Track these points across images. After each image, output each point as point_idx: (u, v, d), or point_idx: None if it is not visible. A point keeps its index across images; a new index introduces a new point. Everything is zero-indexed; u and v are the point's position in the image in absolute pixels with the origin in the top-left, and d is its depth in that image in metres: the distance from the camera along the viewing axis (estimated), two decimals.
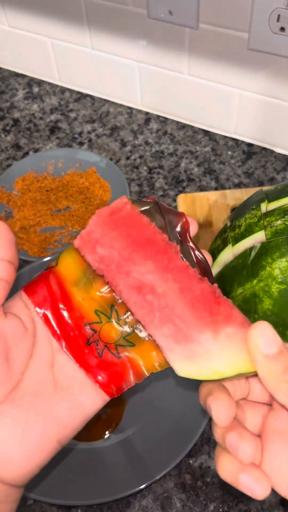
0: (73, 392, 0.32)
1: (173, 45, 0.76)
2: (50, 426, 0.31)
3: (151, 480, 0.51)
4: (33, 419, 0.30)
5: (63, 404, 0.31)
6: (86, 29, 0.82)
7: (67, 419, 0.31)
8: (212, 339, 0.30)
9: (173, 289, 0.31)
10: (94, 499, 0.50)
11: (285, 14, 0.58)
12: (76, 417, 0.32)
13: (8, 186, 0.78)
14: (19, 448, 0.30)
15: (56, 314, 0.33)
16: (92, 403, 0.33)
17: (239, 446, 0.29)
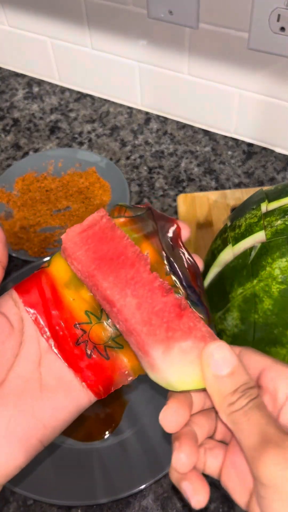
0: (59, 392, 0.32)
1: (173, 45, 0.76)
2: (32, 426, 0.30)
3: (151, 480, 0.51)
4: (16, 418, 0.30)
5: (48, 404, 0.31)
6: (86, 29, 0.82)
7: (51, 419, 0.31)
8: (162, 355, 0.30)
9: (131, 305, 0.31)
10: (94, 499, 0.50)
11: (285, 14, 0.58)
12: (60, 417, 0.32)
13: (8, 186, 0.78)
14: (2, 452, 0.29)
15: (46, 314, 0.33)
16: (78, 404, 0.33)
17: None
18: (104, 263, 0.32)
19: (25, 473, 0.52)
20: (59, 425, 0.32)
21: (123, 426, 0.56)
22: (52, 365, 0.32)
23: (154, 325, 0.31)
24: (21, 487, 0.51)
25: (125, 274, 0.32)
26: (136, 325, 0.31)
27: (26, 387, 0.31)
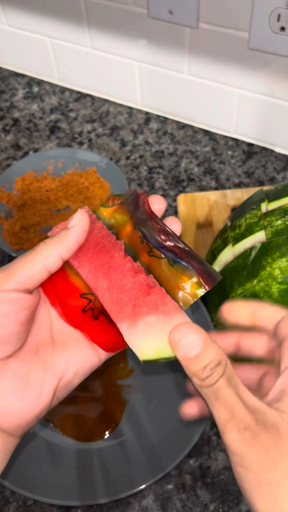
0: (69, 348, 0.35)
1: (173, 45, 0.76)
2: (48, 377, 0.34)
3: (151, 480, 0.51)
4: (34, 371, 0.33)
5: (60, 358, 0.35)
6: (86, 29, 0.82)
7: (64, 371, 0.35)
8: (127, 329, 0.34)
9: (102, 287, 0.36)
10: (94, 499, 0.50)
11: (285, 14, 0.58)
12: (72, 370, 0.35)
13: (8, 186, 0.78)
14: (20, 397, 0.33)
15: (54, 288, 0.37)
16: (89, 359, 0.36)
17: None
18: (82, 253, 0.36)
19: (25, 473, 0.52)
20: (72, 379, 0.35)
21: (123, 426, 0.56)
22: (62, 329, 0.36)
23: (122, 303, 0.35)
24: (21, 487, 0.51)
25: (99, 261, 0.36)
26: (106, 304, 0.35)
27: (40, 346, 0.35)
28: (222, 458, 0.54)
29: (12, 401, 0.32)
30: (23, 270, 0.33)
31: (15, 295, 0.33)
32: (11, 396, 0.32)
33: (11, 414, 0.32)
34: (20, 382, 0.33)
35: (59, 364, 0.34)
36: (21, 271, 0.33)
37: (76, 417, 0.56)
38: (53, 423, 0.56)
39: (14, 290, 0.33)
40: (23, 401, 0.33)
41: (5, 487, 0.53)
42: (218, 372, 0.30)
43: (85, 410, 0.57)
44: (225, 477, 0.53)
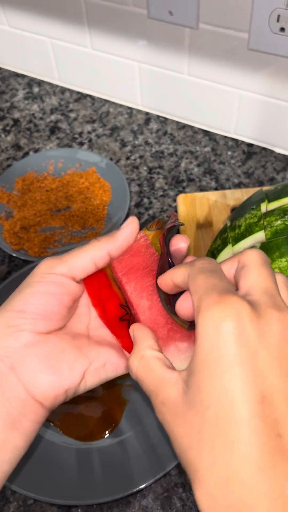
0: (101, 347, 0.38)
1: (173, 45, 0.76)
2: (80, 358, 0.37)
3: (151, 480, 0.51)
4: (69, 349, 0.36)
5: (93, 348, 0.38)
6: (86, 29, 0.82)
7: (94, 359, 0.37)
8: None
9: (144, 306, 0.38)
10: (94, 499, 0.50)
11: (285, 14, 0.58)
12: (102, 361, 0.38)
13: (8, 186, 0.78)
14: (53, 368, 0.35)
15: (99, 291, 0.40)
16: (115, 362, 0.38)
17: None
18: (131, 272, 0.39)
19: (25, 472, 0.52)
20: (101, 369, 0.37)
21: (123, 426, 0.56)
22: (98, 329, 0.40)
23: (159, 324, 0.37)
24: (21, 487, 0.51)
25: (146, 282, 0.39)
26: (144, 322, 0.37)
27: (77, 336, 0.38)
28: None
29: (46, 370, 0.35)
30: (73, 259, 0.37)
31: (62, 279, 0.37)
32: (45, 366, 0.35)
33: (43, 383, 0.35)
34: (55, 355, 0.36)
35: (91, 353, 0.37)
36: (71, 259, 0.37)
37: (77, 416, 0.56)
38: (54, 423, 0.56)
39: (62, 274, 0.37)
40: (55, 373, 0.35)
41: (6, 487, 0.53)
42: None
43: (85, 410, 0.57)
44: None
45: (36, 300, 0.36)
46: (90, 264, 0.38)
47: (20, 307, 0.36)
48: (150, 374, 0.33)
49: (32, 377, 0.35)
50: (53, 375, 0.35)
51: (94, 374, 0.37)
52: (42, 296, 0.36)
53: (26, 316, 0.36)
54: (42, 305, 0.36)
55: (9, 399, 0.34)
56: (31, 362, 0.35)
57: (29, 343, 0.35)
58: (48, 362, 0.35)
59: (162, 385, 0.31)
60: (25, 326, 0.35)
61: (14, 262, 0.71)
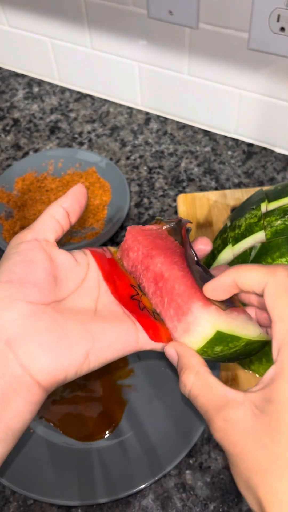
0: (109, 321, 0.36)
1: (173, 45, 0.76)
2: (84, 335, 0.34)
3: (151, 480, 0.51)
4: (71, 324, 0.34)
5: (99, 323, 0.36)
6: (86, 29, 0.82)
7: (100, 335, 0.35)
8: (201, 308, 0.35)
9: (176, 275, 0.37)
10: (94, 499, 0.50)
11: (285, 14, 0.58)
12: (107, 340, 0.35)
13: (8, 186, 0.78)
14: (54, 345, 0.33)
15: (109, 269, 0.40)
16: (125, 339, 0.36)
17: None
18: (158, 248, 0.40)
19: (25, 473, 0.52)
20: (106, 350, 0.35)
21: (123, 426, 0.56)
22: (107, 304, 0.38)
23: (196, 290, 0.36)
24: (21, 487, 0.51)
25: (172, 258, 0.39)
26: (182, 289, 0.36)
27: (81, 311, 0.36)
28: (222, 458, 0.54)
29: (45, 347, 0.33)
30: (36, 223, 0.39)
31: (37, 244, 0.37)
32: (45, 342, 0.33)
33: (41, 360, 0.33)
34: (56, 331, 0.34)
35: (96, 329, 0.35)
36: (35, 224, 0.39)
37: (76, 417, 0.56)
38: (53, 423, 0.56)
39: (35, 239, 0.37)
40: (55, 350, 0.33)
41: (5, 487, 0.53)
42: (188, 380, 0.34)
43: (85, 410, 0.57)
44: (225, 476, 0.53)
45: (20, 269, 0.35)
46: (53, 222, 0.39)
47: (5, 278, 0.35)
48: (208, 391, 0.32)
49: (30, 354, 0.33)
50: (53, 352, 0.33)
51: (99, 353, 0.35)
52: (24, 264, 0.36)
53: (15, 286, 0.34)
54: (27, 273, 0.35)
55: (3, 375, 0.32)
56: (29, 337, 0.33)
57: (25, 315, 0.33)
58: (47, 338, 0.33)
59: (226, 403, 0.31)
60: (17, 295, 0.34)
61: None
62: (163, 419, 0.55)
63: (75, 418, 0.56)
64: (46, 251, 0.38)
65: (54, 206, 0.40)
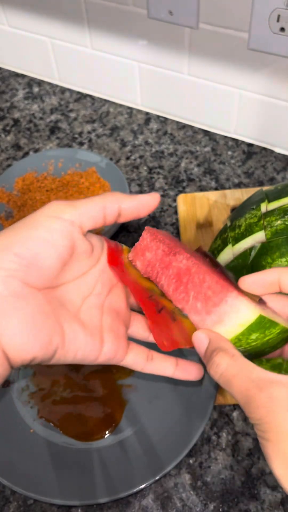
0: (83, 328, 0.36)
1: (173, 45, 0.76)
2: (59, 332, 0.34)
3: (151, 480, 0.51)
4: (52, 318, 0.34)
5: (75, 327, 0.36)
6: (86, 29, 0.82)
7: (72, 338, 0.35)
8: (237, 296, 0.36)
9: (205, 269, 0.38)
10: (94, 499, 0.50)
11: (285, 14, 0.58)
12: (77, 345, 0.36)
13: (8, 186, 0.78)
14: (33, 332, 0.33)
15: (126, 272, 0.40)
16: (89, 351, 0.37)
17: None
18: (180, 247, 0.40)
19: (25, 473, 0.52)
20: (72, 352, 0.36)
21: (123, 426, 0.56)
22: (91, 308, 0.38)
23: (226, 282, 0.37)
24: (21, 487, 0.51)
25: (195, 256, 0.40)
26: (212, 281, 0.37)
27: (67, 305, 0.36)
28: (222, 458, 0.54)
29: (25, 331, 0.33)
30: (84, 206, 0.35)
31: (70, 228, 0.34)
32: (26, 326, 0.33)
33: (18, 341, 0.33)
34: (39, 319, 0.33)
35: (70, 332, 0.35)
36: (82, 206, 0.35)
37: (76, 416, 0.56)
38: (53, 423, 0.56)
39: (71, 222, 0.34)
40: (33, 337, 0.33)
41: (5, 487, 0.53)
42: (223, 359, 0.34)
43: (85, 410, 0.57)
44: (225, 476, 0.53)
45: (36, 246, 0.33)
46: (100, 214, 0.36)
47: (17, 249, 0.33)
48: (249, 372, 0.33)
49: (8, 331, 0.32)
50: (30, 338, 0.33)
51: (65, 353, 0.35)
52: (43, 244, 0.33)
53: (22, 262, 0.33)
54: (40, 254, 0.33)
55: None
56: (12, 316, 0.32)
57: (16, 294, 0.33)
58: (29, 324, 0.33)
59: (270, 383, 0.32)
60: (18, 273, 0.33)
61: None
62: (163, 419, 0.55)
63: (75, 418, 0.56)
64: (73, 239, 0.35)
65: (112, 200, 0.37)
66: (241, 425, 0.56)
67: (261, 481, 0.52)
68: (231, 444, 0.55)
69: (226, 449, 0.54)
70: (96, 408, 0.57)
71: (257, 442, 0.54)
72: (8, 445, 0.54)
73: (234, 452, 0.54)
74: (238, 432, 0.55)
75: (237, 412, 0.57)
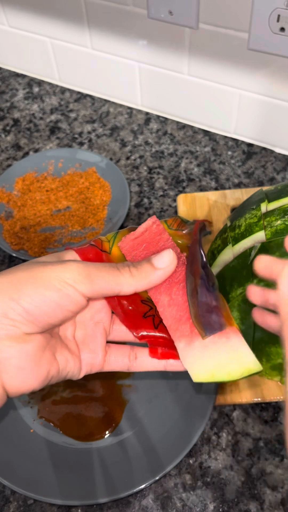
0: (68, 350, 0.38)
1: (173, 45, 0.76)
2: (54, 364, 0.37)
3: (151, 480, 0.51)
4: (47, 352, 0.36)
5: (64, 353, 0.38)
6: (86, 29, 0.82)
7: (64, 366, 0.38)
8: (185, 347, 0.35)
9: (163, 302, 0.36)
10: (94, 499, 0.50)
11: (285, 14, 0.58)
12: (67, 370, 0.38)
13: (8, 186, 0.78)
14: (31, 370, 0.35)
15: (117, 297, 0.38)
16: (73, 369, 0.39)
17: None
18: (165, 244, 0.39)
19: (25, 473, 0.52)
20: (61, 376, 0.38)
21: (123, 426, 0.56)
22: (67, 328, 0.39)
23: (181, 321, 0.35)
24: (21, 487, 0.51)
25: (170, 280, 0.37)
26: (166, 320, 0.36)
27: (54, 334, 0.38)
28: (222, 458, 0.54)
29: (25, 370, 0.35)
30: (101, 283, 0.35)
31: (81, 300, 0.35)
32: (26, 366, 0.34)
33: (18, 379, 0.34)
34: (37, 357, 0.35)
35: (61, 357, 0.37)
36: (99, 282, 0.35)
37: (76, 416, 0.56)
38: (53, 423, 0.56)
39: (83, 294, 0.35)
40: (32, 375, 0.35)
41: (6, 487, 0.53)
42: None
43: (85, 410, 0.57)
44: (225, 476, 0.53)
45: (45, 306, 0.34)
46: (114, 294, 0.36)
47: (27, 305, 0.34)
48: None
49: (9, 374, 0.34)
50: (29, 376, 0.35)
51: (56, 379, 0.37)
52: (53, 306, 0.34)
53: (28, 318, 0.34)
54: (48, 316, 0.34)
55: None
56: (12, 359, 0.34)
57: (17, 339, 0.34)
58: (28, 363, 0.35)
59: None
60: (23, 327, 0.34)
61: (14, 262, 0.71)
62: (163, 419, 0.55)
63: (75, 418, 0.56)
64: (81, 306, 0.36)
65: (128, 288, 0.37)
66: (241, 425, 0.56)
67: (261, 481, 0.52)
68: (231, 444, 0.55)
69: (226, 449, 0.54)
70: (96, 408, 0.57)
71: (257, 442, 0.54)
72: (8, 445, 0.54)
73: (234, 452, 0.54)
74: (238, 432, 0.55)
75: (237, 412, 0.57)
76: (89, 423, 0.56)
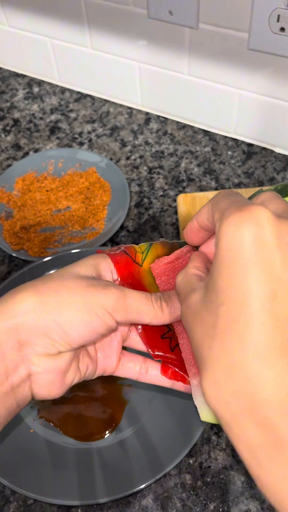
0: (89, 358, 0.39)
1: (173, 45, 0.76)
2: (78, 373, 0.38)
3: (151, 480, 0.51)
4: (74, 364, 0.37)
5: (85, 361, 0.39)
6: (86, 29, 0.82)
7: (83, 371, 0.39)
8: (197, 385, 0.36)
9: (184, 335, 0.38)
10: (94, 499, 0.50)
11: (285, 14, 0.58)
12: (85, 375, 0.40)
13: (8, 186, 0.78)
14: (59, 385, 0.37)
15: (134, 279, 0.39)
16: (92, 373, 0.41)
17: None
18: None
19: (25, 473, 0.52)
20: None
21: (123, 426, 0.56)
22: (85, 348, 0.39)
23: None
24: (21, 487, 0.51)
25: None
26: (184, 353, 0.38)
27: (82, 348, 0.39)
28: (222, 458, 0.54)
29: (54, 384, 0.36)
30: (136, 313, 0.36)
31: (114, 326, 0.36)
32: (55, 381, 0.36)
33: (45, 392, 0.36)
34: (63, 372, 0.36)
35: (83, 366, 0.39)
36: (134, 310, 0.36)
37: (76, 416, 0.56)
38: (53, 423, 0.56)
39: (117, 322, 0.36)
40: (59, 388, 0.37)
41: (6, 487, 0.53)
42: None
43: (85, 410, 0.57)
44: (225, 476, 0.53)
45: (84, 333, 0.35)
46: (141, 321, 0.37)
47: (68, 329, 0.35)
48: (187, 285, 0.34)
49: (39, 383, 0.36)
50: (56, 386, 0.36)
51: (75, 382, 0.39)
52: (90, 332, 0.35)
53: (67, 340, 0.35)
54: (84, 339, 0.36)
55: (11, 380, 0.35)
56: (45, 372, 0.35)
57: (51, 356, 0.36)
58: (58, 377, 0.36)
59: (191, 292, 0.33)
60: (60, 347, 0.35)
61: (14, 262, 0.71)
62: (163, 419, 0.55)
63: (75, 418, 0.56)
64: (110, 331, 0.37)
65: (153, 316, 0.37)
66: None
67: None
68: (231, 444, 0.55)
69: (226, 449, 0.54)
70: (96, 408, 0.57)
71: None
72: (8, 445, 0.54)
73: (234, 452, 0.54)
74: None
75: None
76: (89, 423, 0.56)
